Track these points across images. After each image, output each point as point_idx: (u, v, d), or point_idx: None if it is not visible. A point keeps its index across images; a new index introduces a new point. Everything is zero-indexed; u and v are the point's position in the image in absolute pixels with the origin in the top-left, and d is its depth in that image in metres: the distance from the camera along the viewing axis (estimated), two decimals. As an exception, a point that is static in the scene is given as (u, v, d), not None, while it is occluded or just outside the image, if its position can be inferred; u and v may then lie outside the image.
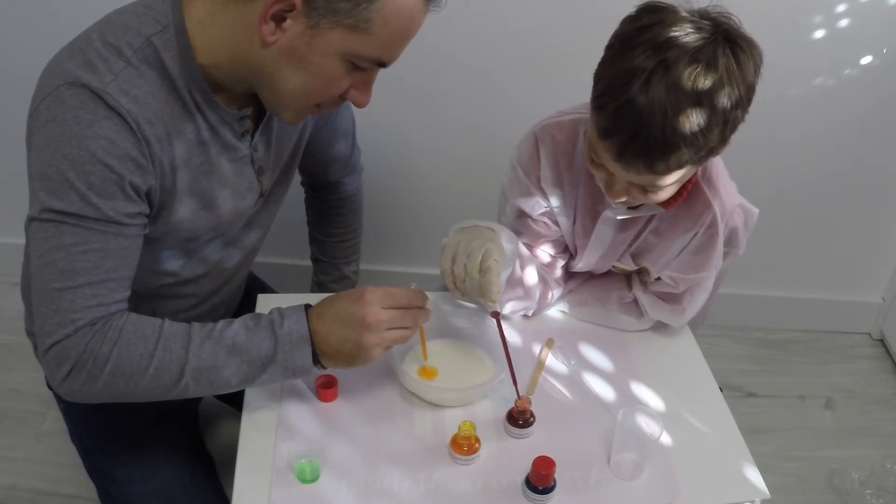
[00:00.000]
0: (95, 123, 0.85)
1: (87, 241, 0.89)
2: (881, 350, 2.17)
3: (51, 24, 1.63)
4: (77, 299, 0.89)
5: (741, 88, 0.90)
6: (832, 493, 1.75)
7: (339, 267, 1.45)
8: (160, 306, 1.13)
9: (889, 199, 1.94)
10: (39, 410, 1.73)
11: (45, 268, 0.89)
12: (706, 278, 1.14)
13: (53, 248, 0.88)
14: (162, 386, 0.92)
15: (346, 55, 0.88)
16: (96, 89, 0.85)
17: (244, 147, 1.02)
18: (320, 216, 1.43)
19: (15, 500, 1.58)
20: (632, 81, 0.88)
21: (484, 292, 1.02)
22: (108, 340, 0.90)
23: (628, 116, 0.89)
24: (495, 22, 1.63)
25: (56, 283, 0.89)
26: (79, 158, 0.85)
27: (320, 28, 0.85)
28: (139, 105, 0.88)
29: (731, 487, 1.00)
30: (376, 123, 1.73)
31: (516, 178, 1.18)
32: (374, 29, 0.85)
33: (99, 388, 0.92)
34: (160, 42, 0.89)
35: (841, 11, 1.61)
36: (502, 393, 1.09)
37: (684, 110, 0.87)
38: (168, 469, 1.20)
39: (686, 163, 0.93)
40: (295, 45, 0.87)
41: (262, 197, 1.11)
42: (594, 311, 1.24)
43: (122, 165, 0.87)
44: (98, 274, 0.90)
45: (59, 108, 0.85)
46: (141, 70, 0.88)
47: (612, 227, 1.16)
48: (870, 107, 1.77)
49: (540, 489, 0.94)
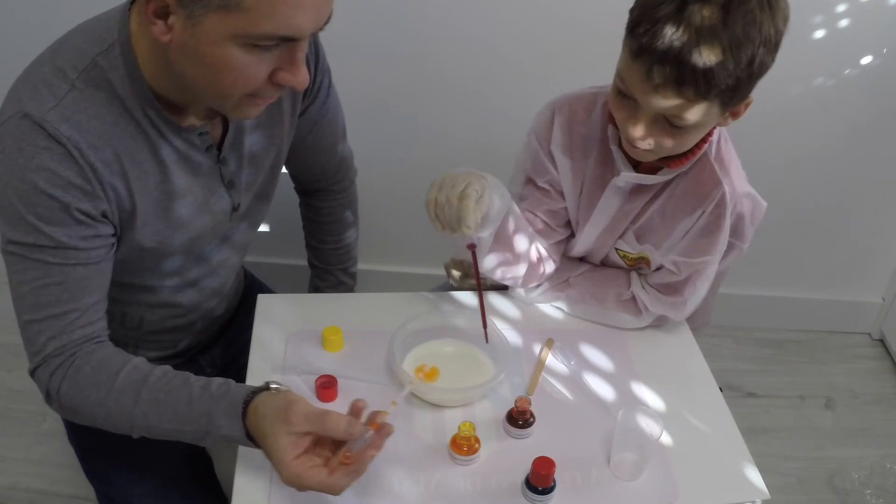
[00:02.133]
0: (36, 156, 0.85)
1: (48, 274, 0.91)
2: (881, 350, 2.17)
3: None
4: (43, 330, 0.93)
5: (772, 30, 0.93)
6: (832, 493, 1.75)
7: (335, 273, 1.44)
8: (147, 312, 1.14)
9: (889, 199, 1.94)
10: (39, 410, 1.74)
11: (16, 299, 0.94)
12: (709, 263, 1.14)
13: (21, 281, 0.92)
14: (120, 430, 0.96)
15: (236, 38, 0.81)
16: (37, 119, 0.85)
17: (209, 161, 1.01)
18: (314, 222, 1.41)
19: (15, 500, 1.58)
20: (668, 3, 0.91)
21: (460, 218, 1.01)
22: (67, 379, 0.94)
23: (661, 36, 0.91)
24: (497, 22, 1.63)
25: (25, 315, 0.93)
26: (24, 192, 0.86)
27: (195, 17, 0.79)
28: (81, 131, 0.87)
29: (731, 487, 1.00)
30: (375, 123, 1.74)
31: (528, 145, 1.21)
32: (245, 4, 0.78)
33: (70, 416, 0.98)
34: (106, 62, 0.88)
35: (841, 11, 1.61)
36: (502, 393, 1.09)
37: (716, 36, 0.90)
38: (166, 470, 1.20)
39: (713, 88, 0.94)
40: (185, 41, 0.82)
41: (236, 211, 1.09)
42: (592, 309, 1.24)
43: (66, 194, 0.88)
44: (59, 306, 0.92)
45: (8, 139, 0.86)
46: (86, 93, 0.87)
47: (618, 198, 1.16)
48: (870, 107, 1.77)
49: (540, 489, 0.94)
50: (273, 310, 1.22)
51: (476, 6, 1.61)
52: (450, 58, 1.68)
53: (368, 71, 1.67)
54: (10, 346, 1.85)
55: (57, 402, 0.96)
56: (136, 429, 0.95)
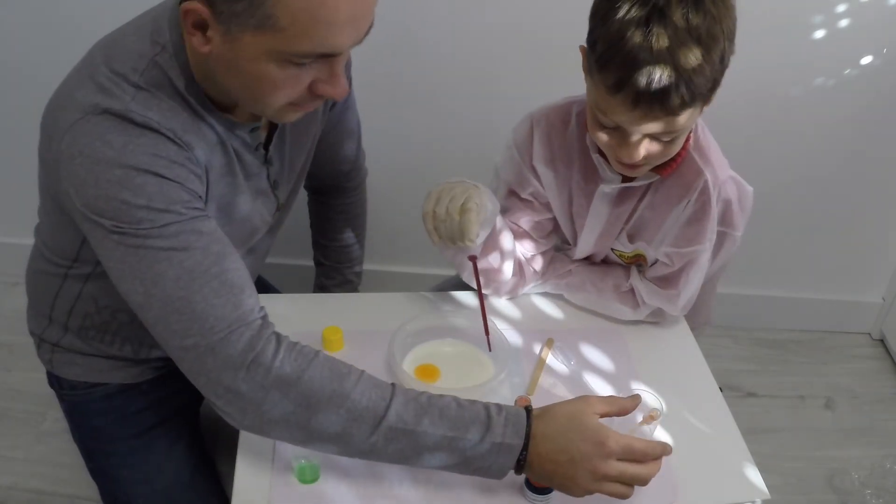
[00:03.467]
0: (130, 143, 0.82)
1: (198, 230, 0.84)
2: (881, 350, 2.17)
3: (55, 22, 1.63)
4: (239, 301, 0.85)
5: (727, 22, 0.95)
6: (832, 493, 1.75)
7: (343, 271, 1.44)
8: None
9: (889, 199, 1.94)
10: (39, 410, 1.74)
11: (172, 281, 0.83)
12: (701, 252, 1.14)
13: (176, 277, 0.83)
14: (359, 435, 0.86)
15: (273, 55, 0.79)
16: (119, 111, 0.82)
17: (257, 161, 1.01)
18: (324, 220, 1.43)
19: (15, 500, 1.58)
20: (631, 32, 0.92)
21: (463, 232, 1.04)
22: (294, 353, 0.86)
23: (637, 64, 0.92)
24: (501, 23, 1.63)
25: (199, 297, 0.83)
26: (124, 177, 0.81)
27: (233, 34, 0.78)
28: (167, 119, 0.85)
29: (731, 487, 1.00)
30: (381, 124, 1.73)
31: (510, 158, 1.22)
32: (281, 24, 0.76)
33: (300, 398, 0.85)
34: (163, 61, 0.87)
35: (841, 11, 1.61)
36: (502, 393, 1.09)
37: (688, 46, 0.92)
38: (170, 470, 1.20)
39: (697, 96, 0.95)
40: (223, 53, 0.81)
41: (279, 210, 1.10)
42: (590, 297, 1.25)
43: (171, 171, 0.83)
44: (242, 276, 0.87)
45: (85, 139, 0.82)
46: (153, 92, 0.86)
47: (607, 203, 1.17)
48: (870, 106, 1.77)
49: (540, 489, 0.94)
50: (273, 309, 1.20)
51: (476, 6, 1.61)
52: (455, 58, 1.68)
53: (369, 71, 1.67)
54: (11, 346, 1.84)
55: (273, 375, 0.84)
56: (381, 431, 0.85)
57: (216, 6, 0.77)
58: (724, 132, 1.18)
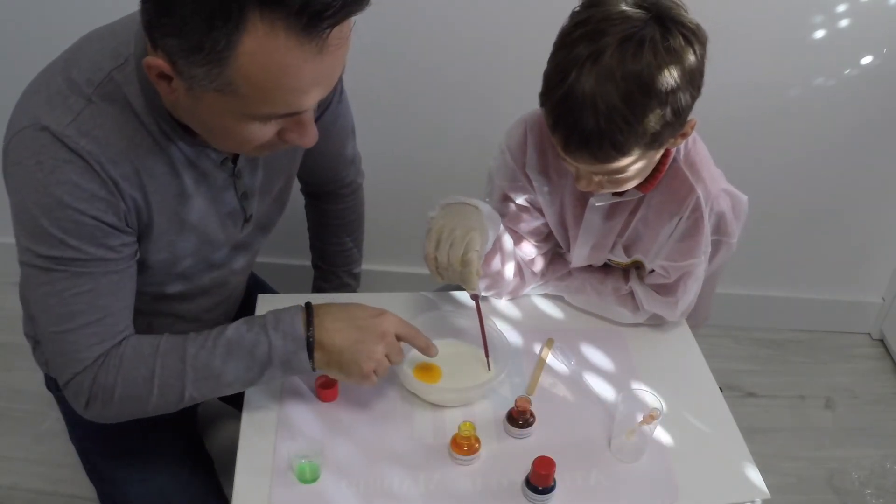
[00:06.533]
0: (57, 169, 0.84)
1: (77, 284, 0.90)
2: (881, 350, 2.17)
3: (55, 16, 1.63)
4: (79, 340, 0.92)
5: (676, 71, 0.88)
6: (832, 493, 1.75)
7: (340, 274, 1.44)
8: (154, 321, 1.14)
9: (889, 199, 1.94)
10: (39, 410, 1.74)
11: (42, 312, 0.92)
12: (696, 265, 1.14)
13: (47, 293, 0.90)
14: (170, 401, 0.96)
15: (236, 115, 0.80)
16: (56, 132, 0.83)
17: (224, 174, 1.00)
18: (321, 224, 1.42)
19: (15, 500, 1.58)
20: (568, 74, 0.89)
21: (464, 282, 1.05)
22: (112, 369, 0.94)
23: (566, 109, 0.90)
24: (497, 25, 1.63)
25: (54, 327, 0.92)
26: (47, 206, 0.85)
27: (195, 91, 0.78)
28: (101, 145, 0.85)
29: (731, 487, 1.00)
30: (378, 125, 1.73)
31: (504, 163, 1.20)
32: (242, 90, 0.75)
33: (115, 412, 0.96)
34: (121, 77, 0.86)
35: (841, 11, 1.61)
36: (502, 393, 1.09)
37: (616, 97, 0.87)
38: (167, 470, 1.20)
39: (633, 148, 0.92)
40: (188, 104, 0.82)
41: (248, 222, 1.09)
42: (591, 300, 1.25)
43: (91, 207, 0.86)
44: (95, 313, 0.92)
45: (24, 151, 0.85)
46: (102, 108, 0.86)
47: (599, 215, 1.16)
48: (870, 106, 1.77)
49: (540, 489, 0.94)
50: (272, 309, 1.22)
51: (476, 6, 1.61)
52: (451, 57, 1.68)
53: (369, 71, 1.67)
54: (11, 346, 1.85)
55: (100, 403, 0.95)
56: (188, 385, 0.95)
57: (177, 65, 0.76)
58: (724, 132, 1.18)
